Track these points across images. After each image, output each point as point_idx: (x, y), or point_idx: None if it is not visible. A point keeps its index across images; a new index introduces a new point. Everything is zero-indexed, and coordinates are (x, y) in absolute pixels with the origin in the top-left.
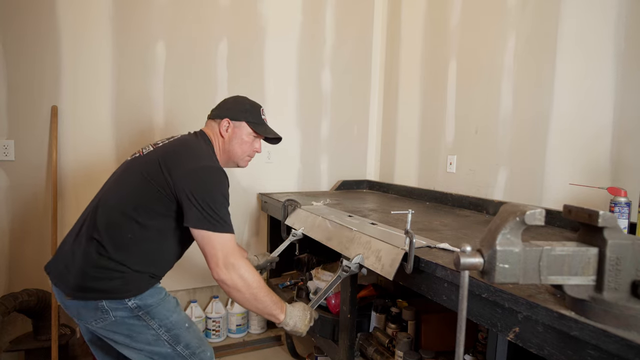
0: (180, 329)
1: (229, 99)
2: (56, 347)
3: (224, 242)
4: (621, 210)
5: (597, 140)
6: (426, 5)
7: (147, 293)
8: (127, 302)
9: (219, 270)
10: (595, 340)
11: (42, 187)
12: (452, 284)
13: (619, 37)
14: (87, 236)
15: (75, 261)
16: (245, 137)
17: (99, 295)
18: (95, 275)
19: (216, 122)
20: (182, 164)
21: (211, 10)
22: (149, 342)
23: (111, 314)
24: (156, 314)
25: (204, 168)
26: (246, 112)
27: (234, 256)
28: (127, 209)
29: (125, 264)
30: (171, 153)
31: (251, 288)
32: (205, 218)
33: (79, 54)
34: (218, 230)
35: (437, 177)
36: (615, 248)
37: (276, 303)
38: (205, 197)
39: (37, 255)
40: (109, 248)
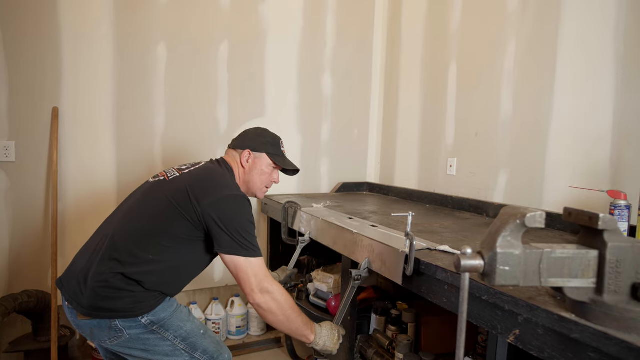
0: (195, 336)
1: (251, 130)
2: (56, 348)
3: (256, 267)
4: (621, 213)
5: (597, 144)
6: (426, 9)
7: (160, 308)
8: (141, 320)
9: (255, 296)
10: (595, 343)
11: (43, 189)
12: (452, 286)
13: (618, 41)
14: (107, 255)
15: (87, 280)
16: (264, 168)
17: (112, 315)
18: (107, 295)
19: (237, 152)
20: (209, 193)
21: (212, 13)
22: (166, 353)
23: (125, 332)
24: (170, 325)
25: (230, 197)
26: (267, 144)
27: (267, 280)
28: (151, 232)
29: (140, 283)
30: (198, 181)
31: (284, 310)
32: (237, 244)
33: (79, 55)
34: (250, 255)
35: (437, 180)
36: (615, 251)
37: (306, 324)
38: (235, 224)
39: (37, 257)
40: (127, 268)
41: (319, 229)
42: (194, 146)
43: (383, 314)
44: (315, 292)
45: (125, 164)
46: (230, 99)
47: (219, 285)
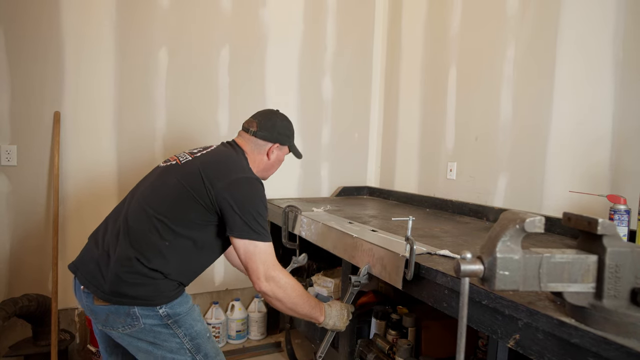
0: (202, 338)
1: (279, 123)
2: (56, 352)
3: (265, 252)
4: (621, 218)
5: (596, 148)
6: (426, 13)
7: (177, 301)
8: (159, 310)
9: (261, 283)
10: (595, 348)
11: (44, 193)
12: (452, 291)
13: (617, 45)
14: (125, 241)
15: (110, 266)
16: (282, 158)
17: (132, 302)
18: (130, 281)
19: (263, 142)
20: (224, 175)
21: (214, 17)
22: (171, 350)
23: (141, 321)
24: (183, 323)
25: (245, 179)
26: (291, 137)
27: (275, 268)
28: (165, 218)
29: (161, 271)
30: (212, 164)
31: (291, 297)
32: (248, 227)
33: (81, 60)
34: (260, 239)
35: (438, 184)
36: (614, 256)
37: (314, 307)
38: (248, 207)
39: (37, 261)
40: (147, 255)
41: (319, 233)
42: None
43: (383, 318)
44: (316, 296)
45: (127, 168)
46: (231, 103)
47: (219, 289)
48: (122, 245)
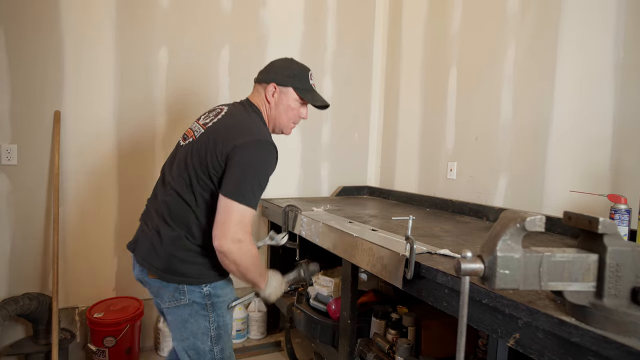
0: (225, 332)
1: (277, 61)
2: (56, 351)
3: (244, 215)
4: (621, 218)
5: (597, 148)
6: (427, 13)
7: (220, 284)
8: (203, 288)
9: (225, 242)
10: (595, 347)
11: (44, 192)
12: (452, 290)
13: (617, 46)
14: (170, 223)
15: (163, 245)
16: (291, 104)
17: (182, 279)
18: (183, 259)
19: (262, 87)
20: (233, 140)
21: (214, 18)
22: (196, 333)
23: (187, 297)
24: (218, 308)
25: (254, 142)
26: (294, 78)
27: (245, 233)
28: (193, 197)
29: (207, 246)
30: (222, 131)
31: (246, 264)
32: (240, 189)
33: (82, 59)
34: (246, 203)
35: (438, 184)
36: (615, 255)
37: (261, 275)
38: (248, 171)
39: (38, 260)
40: (192, 232)
41: (319, 232)
42: None
43: (383, 318)
44: (316, 295)
45: (127, 167)
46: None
47: None
48: (169, 227)
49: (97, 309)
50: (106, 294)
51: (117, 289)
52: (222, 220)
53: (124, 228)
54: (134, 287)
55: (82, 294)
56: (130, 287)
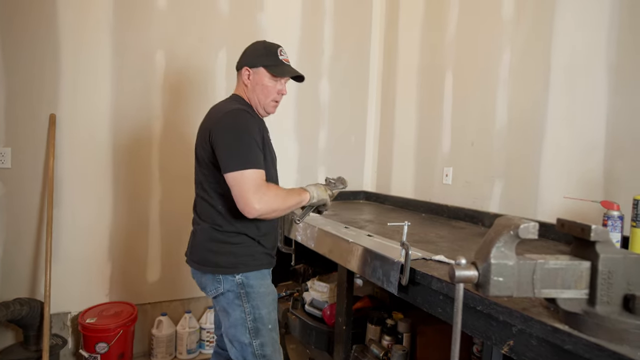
0: (264, 325)
1: (249, 47)
2: (47, 357)
3: (250, 177)
4: (614, 224)
5: (591, 154)
6: (423, 18)
7: (253, 274)
8: (235, 276)
9: (251, 210)
10: (588, 354)
11: (38, 195)
12: (447, 297)
13: (610, 52)
14: (200, 217)
15: (197, 238)
16: (266, 82)
17: (216, 270)
18: (214, 250)
19: (239, 74)
20: (211, 124)
21: (211, 21)
22: (235, 324)
23: (222, 285)
24: (252, 299)
25: (228, 113)
26: (262, 57)
27: (260, 189)
28: (206, 189)
29: (235, 231)
30: (204, 124)
31: (283, 203)
32: (233, 158)
33: (78, 62)
34: (245, 167)
35: (433, 189)
36: (607, 262)
37: (299, 194)
38: (229, 136)
39: (30, 264)
40: (217, 222)
41: (315, 237)
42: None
43: (378, 324)
44: (311, 301)
45: (123, 171)
46: None
47: None
48: (200, 223)
49: (89, 314)
50: (99, 298)
51: (111, 294)
52: (237, 195)
53: (118, 232)
54: (128, 292)
55: (74, 299)
56: (124, 292)
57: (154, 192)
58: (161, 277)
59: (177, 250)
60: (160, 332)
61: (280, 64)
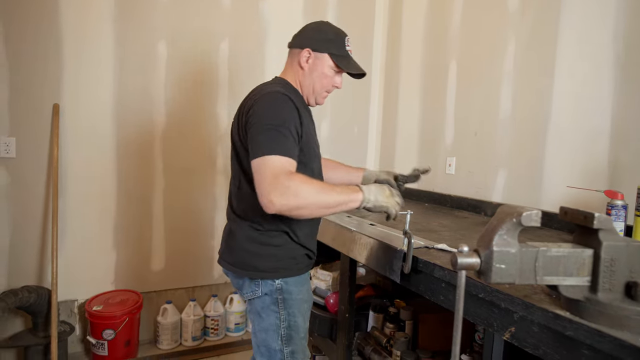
0: (297, 333)
1: (312, 24)
2: (55, 343)
3: (274, 164)
4: (618, 213)
5: (595, 144)
6: (427, 7)
7: (294, 279)
8: (275, 281)
9: (270, 203)
10: (589, 340)
11: (43, 185)
12: (449, 284)
13: (617, 43)
14: (236, 214)
15: (234, 238)
16: (326, 71)
17: (254, 274)
18: (253, 252)
19: (295, 52)
20: (247, 107)
21: (214, 11)
22: (266, 328)
23: (261, 289)
24: (290, 306)
25: (264, 95)
26: (329, 42)
27: (284, 178)
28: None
29: (275, 229)
30: (241, 107)
31: (313, 199)
32: (260, 144)
33: (81, 52)
34: (268, 154)
35: (437, 179)
36: (609, 250)
37: (344, 191)
38: (262, 120)
39: (37, 253)
40: (258, 220)
41: None
42: (193, 143)
43: (381, 312)
44: (314, 289)
45: (126, 161)
46: (230, 97)
47: (218, 282)
48: (236, 220)
49: (96, 301)
50: (105, 287)
51: (116, 282)
52: (257, 184)
53: (122, 221)
54: (133, 280)
55: (81, 286)
56: (130, 280)
57: (157, 182)
58: (166, 265)
59: (182, 239)
60: (166, 320)
61: (347, 55)
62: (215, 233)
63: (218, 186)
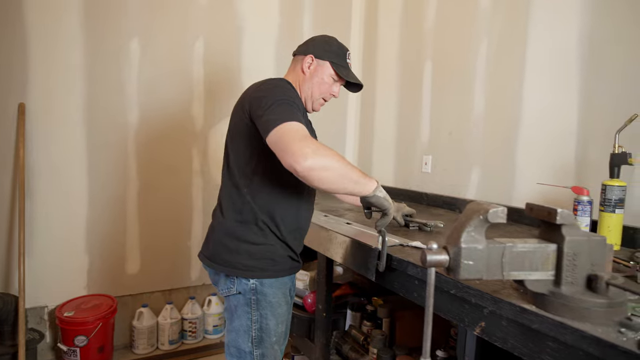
0: (269, 336)
1: (318, 36)
2: (23, 352)
3: (294, 129)
4: (584, 209)
5: (563, 142)
6: (402, 8)
7: (269, 281)
8: (250, 281)
9: (304, 161)
10: (553, 332)
11: (9, 186)
12: (422, 281)
13: (582, 43)
14: (224, 209)
15: (215, 232)
16: (325, 78)
17: (229, 271)
18: (231, 248)
19: (299, 58)
20: (250, 93)
21: (189, 8)
22: (238, 330)
23: (236, 287)
24: (262, 307)
25: (267, 80)
26: (332, 53)
27: (309, 138)
28: (241, 167)
29: (258, 235)
30: (241, 98)
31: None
32: (273, 117)
33: (47, 50)
34: (284, 121)
35: (413, 177)
36: (572, 244)
37: (363, 173)
38: (270, 99)
39: (3, 258)
40: (244, 215)
41: None
42: (168, 144)
43: (358, 310)
44: None
45: (97, 162)
46: (206, 96)
47: (196, 284)
48: (221, 216)
49: (67, 307)
50: (77, 292)
51: (89, 286)
52: (281, 148)
53: (95, 223)
54: (107, 284)
55: (51, 292)
56: (103, 284)
57: (131, 182)
58: (141, 268)
59: (157, 241)
60: (141, 324)
61: (347, 67)
62: (192, 234)
63: (194, 186)
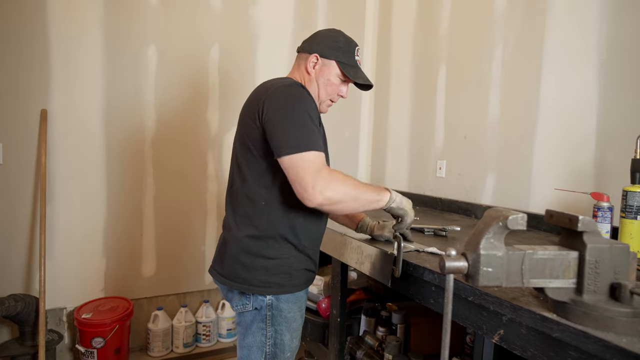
0: (283, 352)
1: (323, 31)
2: (43, 352)
3: (311, 161)
4: (604, 215)
5: (581, 146)
6: (416, 13)
7: (286, 297)
8: (266, 297)
9: (313, 197)
10: (575, 342)
11: (31, 191)
12: (439, 288)
13: (601, 47)
14: (237, 221)
15: (225, 248)
16: (332, 78)
17: (245, 288)
18: (246, 264)
19: (303, 57)
20: (261, 96)
21: (204, 16)
22: (251, 346)
23: (252, 303)
24: (277, 323)
25: (282, 86)
26: (338, 51)
27: (323, 173)
28: (251, 179)
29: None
30: (249, 99)
31: (351, 194)
32: (288, 140)
33: (69, 57)
34: (301, 150)
35: (427, 182)
36: (594, 252)
37: (377, 190)
38: (284, 115)
39: (24, 260)
40: (257, 226)
41: None
42: (184, 149)
43: (373, 316)
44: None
45: (115, 167)
46: (221, 102)
47: (210, 288)
48: (234, 228)
49: (85, 309)
50: (94, 294)
51: (106, 289)
52: (294, 179)
53: (113, 227)
54: (124, 287)
55: (69, 294)
56: (120, 287)
57: (148, 187)
58: (157, 272)
59: (172, 245)
60: (157, 327)
61: (355, 65)
62: (207, 239)
63: (209, 192)
